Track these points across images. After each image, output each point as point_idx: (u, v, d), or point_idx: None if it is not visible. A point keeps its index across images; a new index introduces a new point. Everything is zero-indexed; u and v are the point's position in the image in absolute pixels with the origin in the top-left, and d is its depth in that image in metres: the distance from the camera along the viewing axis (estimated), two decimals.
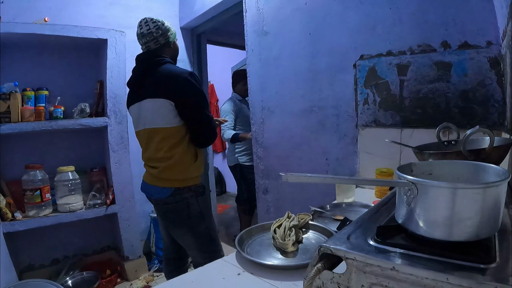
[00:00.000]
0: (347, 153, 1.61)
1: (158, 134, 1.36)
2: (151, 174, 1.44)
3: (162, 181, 1.39)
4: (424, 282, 0.41)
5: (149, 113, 1.37)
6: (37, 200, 1.96)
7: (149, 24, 1.41)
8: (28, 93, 2.02)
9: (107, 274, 2.24)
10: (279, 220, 0.94)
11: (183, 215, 1.40)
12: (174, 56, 1.52)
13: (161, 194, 1.40)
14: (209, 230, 1.45)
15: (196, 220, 1.42)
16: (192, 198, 1.41)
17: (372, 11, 1.44)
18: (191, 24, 2.80)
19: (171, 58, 1.47)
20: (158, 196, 1.42)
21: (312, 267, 0.49)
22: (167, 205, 1.41)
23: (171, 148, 1.35)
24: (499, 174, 0.51)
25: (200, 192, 1.45)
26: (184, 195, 1.39)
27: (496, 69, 1.10)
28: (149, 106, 1.36)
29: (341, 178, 0.87)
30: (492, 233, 0.48)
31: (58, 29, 2.05)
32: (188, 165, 1.39)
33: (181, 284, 0.76)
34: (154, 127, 1.36)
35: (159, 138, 1.36)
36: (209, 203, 1.52)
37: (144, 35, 1.42)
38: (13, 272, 1.86)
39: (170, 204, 1.40)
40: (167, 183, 1.38)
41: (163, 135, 1.35)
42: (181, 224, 1.42)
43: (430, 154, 0.79)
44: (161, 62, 1.38)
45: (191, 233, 1.42)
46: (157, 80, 1.34)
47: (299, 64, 1.80)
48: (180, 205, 1.39)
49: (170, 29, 1.46)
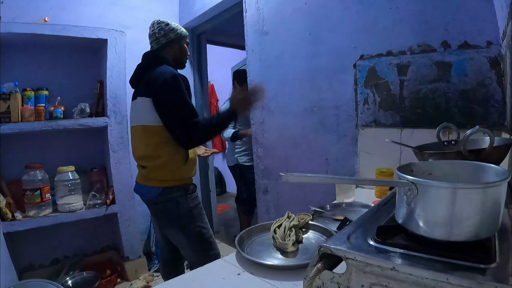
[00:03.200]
0: (347, 153, 1.60)
1: (144, 131, 1.38)
2: (141, 174, 1.46)
3: (150, 181, 1.40)
4: (424, 282, 0.41)
5: (139, 110, 1.40)
6: (37, 200, 1.96)
7: (154, 25, 1.46)
8: (28, 93, 2.02)
9: (107, 274, 2.23)
10: (279, 220, 0.94)
11: (173, 214, 1.40)
12: (178, 58, 1.50)
13: (150, 193, 1.41)
14: (201, 229, 1.44)
15: (187, 219, 1.42)
16: (181, 197, 1.40)
17: (372, 11, 1.44)
18: (191, 24, 2.80)
19: (174, 59, 1.47)
20: (148, 196, 1.43)
21: (312, 267, 0.49)
22: (157, 204, 1.42)
23: (157, 146, 1.35)
24: (499, 174, 0.51)
25: (190, 190, 1.44)
26: (173, 194, 1.39)
27: (496, 69, 1.10)
28: (139, 103, 1.39)
29: (341, 178, 0.87)
30: (492, 233, 0.48)
31: (58, 29, 2.05)
32: (178, 166, 1.39)
33: (181, 284, 0.76)
34: (140, 124, 1.39)
35: (145, 135, 1.37)
36: (200, 202, 1.49)
37: (150, 36, 1.48)
38: (13, 272, 1.86)
39: (160, 204, 1.41)
40: (156, 183, 1.39)
41: (149, 132, 1.36)
42: (172, 223, 1.43)
43: (430, 154, 0.79)
44: (158, 62, 1.39)
45: (183, 233, 1.42)
46: (147, 79, 1.37)
47: (299, 64, 1.80)
48: (169, 205, 1.40)
49: (175, 30, 1.46)
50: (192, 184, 1.48)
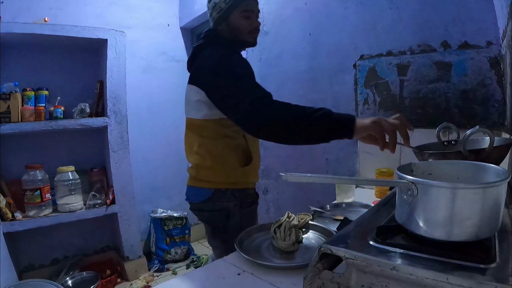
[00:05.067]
0: (347, 153, 1.60)
1: (191, 125, 1.15)
2: (189, 174, 1.20)
3: (199, 182, 1.14)
4: (424, 282, 0.41)
5: (186, 99, 1.16)
6: (37, 200, 1.96)
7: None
8: (28, 93, 2.02)
9: (107, 274, 2.23)
10: (279, 220, 0.94)
11: (218, 227, 1.14)
12: (235, 36, 1.11)
13: (198, 196, 1.14)
14: None
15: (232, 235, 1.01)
16: (235, 208, 1.11)
17: (372, 11, 1.44)
18: (191, 24, 2.80)
19: (230, 38, 1.12)
20: (194, 199, 1.17)
21: (312, 267, 0.49)
22: (202, 212, 1.15)
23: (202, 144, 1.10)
24: (499, 174, 0.51)
25: (249, 202, 1.16)
26: (225, 203, 1.11)
27: (496, 69, 1.10)
28: (187, 91, 1.14)
29: (341, 178, 0.87)
30: (492, 233, 0.48)
31: (58, 29, 2.04)
32: (233, 167, 1.11)
33: (181, 284, 0.75)
34: (187, 116, 1.16)
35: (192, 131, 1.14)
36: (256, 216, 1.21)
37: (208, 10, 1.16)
38: (13, 272, 1.85)
39: (205, 212, 1.14)
40: (205, 184, 1.12)
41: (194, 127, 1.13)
42: (214, 236, 1.18)
43: (430, 154, 0.79)
44: (210, 42, 1.10)
45: (224, 248, 1.10)
46: (197, 63, 1.09)
47: (299, 64, 1.80)
48: (217, 216, 1.12)
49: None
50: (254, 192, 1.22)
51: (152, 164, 2.73)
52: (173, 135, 2.76)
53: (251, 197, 1.18)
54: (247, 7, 1.09)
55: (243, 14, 1.09)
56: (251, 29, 1.11)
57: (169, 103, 2.77)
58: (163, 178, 2.79)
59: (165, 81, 2.78)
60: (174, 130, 2.75)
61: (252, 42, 1.15)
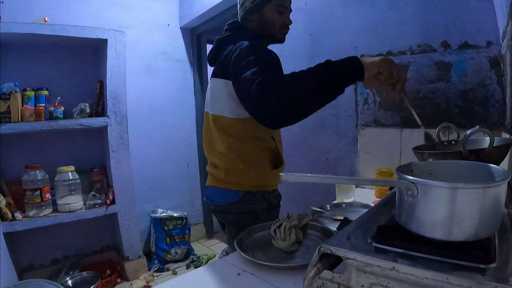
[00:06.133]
0: (347, 153, 1.60)
1: (214, 122, 1.08)
2: (212, 174, 1.15)
3: (227, 184, 1.09)
4: (424, 282, 0.41)
5: (209, 94, 1.11)
6: (37, 200, 1.96)
7: None
8: (28, 93, 2.02)
9: (107, 274, 2.23)
10: (279, 220, 0.94)
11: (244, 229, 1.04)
12: (264, 29, 1.08)
13: (226, 198, 1.09)
14: None
15: None
16: (263, 210, 1.09)
17: (372, 11, 1.44)
18: (191, 24, 2.80)
19: (259, 33, 1.09)
20: (220, 201, 1.11)
21: (312, 267, 0.49)
22: (229, 214, 1.11)
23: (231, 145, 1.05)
24: (499, 174, 0.51)
25: (275, 204, 1.16)
26: (254, 205, 1.08)
27: (496, 69, 1.10)
28: (211, 86, 1.10)
29: (341, 178, 0.87)
30: (492, 233, 0.48)
31: (58, 29, 2.04)
32: (264, 170, 1.09)
33: (181, 284, 0.75)
34: (211, 112, 1.10)
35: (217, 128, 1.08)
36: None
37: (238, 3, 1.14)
38: (13, 272, 1.86)
39: (232, 214, 1.10)
40: (235, 186, 1.08)
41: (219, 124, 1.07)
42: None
43: (430, 154, 0.79)
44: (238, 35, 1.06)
45: None
46: (223, 55, 1.04)
47: (299, 64, 1.80)
48: (245, 218, 1.07)
49: None
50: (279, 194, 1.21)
51: (152, 164, 2.73)
52: (173, 135, 2.75)
53: (277, 199, 1.18)
54: (282, 3, 1.07)
55: (277, 9, 1.07)
56: (283, 25, 1.10)
57: (169, 103, 2.76)
58: (163, 178, 2.79)
59: (165, 81, 2.78)
60: (174, 130, 2.74)
61: (281, 38, 1.13)
